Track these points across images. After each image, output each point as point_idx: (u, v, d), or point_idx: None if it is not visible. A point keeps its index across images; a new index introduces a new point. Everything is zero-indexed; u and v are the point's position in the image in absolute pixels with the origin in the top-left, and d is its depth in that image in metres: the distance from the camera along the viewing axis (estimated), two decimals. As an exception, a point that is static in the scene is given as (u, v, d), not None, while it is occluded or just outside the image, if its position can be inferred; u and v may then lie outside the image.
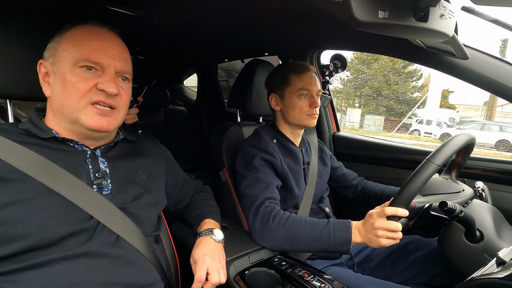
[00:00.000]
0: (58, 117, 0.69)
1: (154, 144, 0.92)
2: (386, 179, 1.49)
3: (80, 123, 0.67)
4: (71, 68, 0.66)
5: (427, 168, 0.78)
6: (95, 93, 0.67)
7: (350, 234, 0.87)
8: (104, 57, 0.68)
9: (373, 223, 0.83)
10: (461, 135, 0.87)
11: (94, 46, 0.67)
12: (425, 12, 0.58)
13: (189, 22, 1.25)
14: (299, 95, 1.10)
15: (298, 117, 1.11)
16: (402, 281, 1.07)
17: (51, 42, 0.70)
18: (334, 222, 0.91)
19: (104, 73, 0.68)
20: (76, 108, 0.66)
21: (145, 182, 0.80)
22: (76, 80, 0.65)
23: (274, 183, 1.04)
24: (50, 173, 0.64)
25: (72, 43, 0.67)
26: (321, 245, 0.89)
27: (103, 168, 0.73)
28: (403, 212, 0.79)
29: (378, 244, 0.83)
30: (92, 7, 1.11)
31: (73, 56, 0.66)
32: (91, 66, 0.67)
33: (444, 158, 0.80)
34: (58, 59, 0.67)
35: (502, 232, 0.83)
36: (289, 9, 0.98)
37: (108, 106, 0.69)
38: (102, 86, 0.66)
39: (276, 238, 0.92)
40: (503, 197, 1.18)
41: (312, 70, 1.13)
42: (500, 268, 0.55)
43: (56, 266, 0.61)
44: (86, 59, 0.66)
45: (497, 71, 0.92)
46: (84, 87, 0.66)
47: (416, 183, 0.78)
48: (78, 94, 0.65)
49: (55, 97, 0.67)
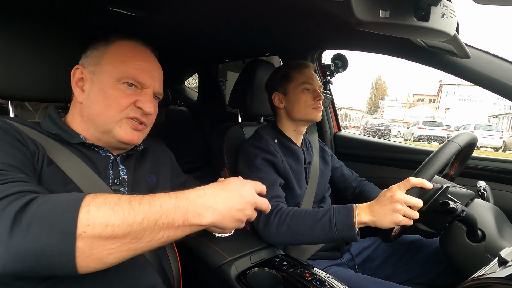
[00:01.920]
0: (87, 124, 0.70)
1: (160, 147, 0.94)
2: (387, 178, 1.48)
3: (112, 134, 0.69)
4: (114, 82, 0.68)
5: (450, 146, 0.82)
6: (133, 109, 0.70)
7: (352, 218, 0.83)
8: (148, 78, 0.72)
9: (392, 195, 0.78)
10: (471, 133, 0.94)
11: (141, 66, 0.71)
12: (426, 11, 0.58)
13: (190, 22, 1.25)
14: (303, 90, 1.11)
15: (304, 111, 1.11)
16: (404, 281, 1.07)
17: (93, 50, 0.72)
18: (335, 207, 0.88)
19: (143, 92, 0.72)
20: (112, 120, 0.68)
21: (153, 186, 0.82)
22: (118, 94, 0.68)
23: (277, 181, 1.04)
24: (82, 174, 0.66)
25: (118, 58, 0.70)
26: (324, 233, 0.86)
27: (123, 175, 0.74)
28: (428, 184, 0.78)
29: (393, 220, 0.77)
30: (93, 7, 1.12)
31: (118, 71, 0.69)
32: (133, 83, 0.70)
33: (465, 140, 0.86)
34: (100, 70, 0.69)
35: (504, 231, 0.83)
36: (290, 9, 0.98)
37: (141, 122, 0.72)
38: (141, 105, 0.70)
39: (279, 234, 0.92)
40: (505, 196, 1.18)
41: (311, 66, 1.14)
42: (502, 268, 0.55)
43: None
44: (132, 77, 0.69)
45: (499, 70, 0.92)
46: (125, 103, 0.69)
47: (440, 158, 0.80)
48: (117, 108, 0.68)
49: (90, 105, 0.69)
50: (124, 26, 1.33)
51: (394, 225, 0.79)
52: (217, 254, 0.89)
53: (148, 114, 0.73)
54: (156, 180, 0.84)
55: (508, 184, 1.20)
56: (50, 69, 0.79)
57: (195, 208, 0.51)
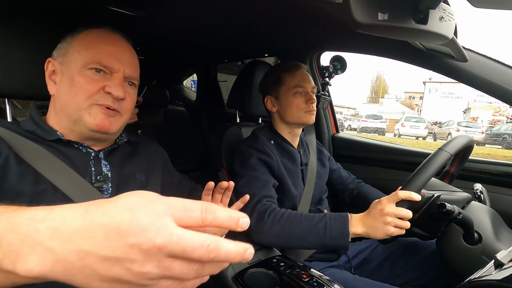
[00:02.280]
0: (60, 116, 0.69)
1: (152, 145, 0.92)
2: (385, 180, 1.49)
3: (82, 122, 0.67)
4: (80, 69, 0.66)
5: (440, 155, 0.79)
6: (102, 95, 0.67)
7: (347, 226, 0.85)
8: (115, 61, 0.68)
9: (382, 208, 0.80)
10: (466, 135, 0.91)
11: (106, 50, 0.68)
12: (424, 14, 0.58)
13: (189, 22, 1.25)
14: (294, 93, 1.10)
15: (296, 115, 1.11)
16: (400, 284, 1.06)
17: (62, 42, 0.70)
18: (330, 215, 0.89)
19: (112, 77, 0.69)
20: (80, 107, 0.66)
21: (143, 184, 0.80)
22: (84, 81, 0.66)
23: (271, 181, 1.04)
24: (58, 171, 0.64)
25: (84, 46, 0.68)
26: (318, 239, 0.87)
27: (105, 171, 0.73)
28: (416, 196, 0.78)
29: (385, 232, 0.80)
30: (92, 7, 1.11)
31: (84, 58, 0.66)
32: (101, 69, 0.67)
33: (456, 148, 0.82)
34: (68, 59, 0.68)
35: (500, 234, 0.83)
36: (289, 10, 0.98)
37: (113, 110, 0.69)
38: (109, 90, 0.67)
39: (271, 234, 0.91)
40: (502, 199, 1.19)
41: (303, 67, 1.13)
42: (498, 270, 0.55)
43: None
44: (97, 61, 0.66)
45: (496, 74, 0.93)
46: (92, 88, 0.66)
47: (429, 169, 0.78)
48: (84, 94, 0.65)
49: (61, 95, 0.68)
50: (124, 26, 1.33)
51: (387, 237, 0.81)
52: (214, 254, 0.89)
53: (120, 100, 0.69)
54: (146, 179, 0.81)
55: (504, 187, 1.20)
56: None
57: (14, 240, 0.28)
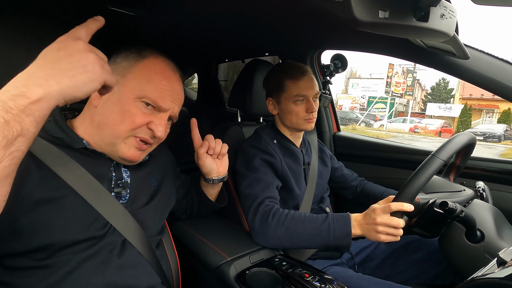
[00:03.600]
0: (95, 130, 0.69)
1: (163, 149, 0.94)
2: (386, 179, 1.48)
3: (116, 149, 0.68)
4: (134, 99, 0.67)
5: (433, 162, 0.78)
6: (143, 130, 0.69)
7: (350, 227, 0.87)
8: (169, 102, 0.71)
9: (375, 218, 0.82)
10: (464, 134, 0.89)
11: (165, 89, 0.70)
12: (425, 12, 0.58)
13: (189, 22, 1.25)
14: (295, 101, 1.09)
15: (295, 122, 1.11)
16: (403, 281, 1.06)
17: (124, 60, 0.70)
18: (333, 215, 0.91)
19: (159, 115, 0.70)
20: (120, 135, 0.67)
21: (155, 189, 0.83)
22: (135, 112, 0.67)
23: (274, 183, 1.04)
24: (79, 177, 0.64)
25: (144, 77, 0.68)
26: (321, 240, 0.89)
27: (126, 178, 0.74)
28: (409, 207, 0.79)
29: (377, 239, 0.83)
30: (92, 7, 1.12)
31: (141, 89, 0.67)
32: (153, 105, 0.69)
33: (449, 153, 0.81)
34: (125, 82, 0.68)
35: (503, 232, 0.83)
36: (290, 9, 0.98)
37: (146, 144, 0.71)
38: (154, 127, 0.68)
39: (276, 235, 0.92)
40: (504, 197, 1.18)
41: (308, 72, 1.10)
42: (501, 268, 0.55)
43: (66, 266, 0.62)
44: (153, 100, 0.68)
45: (498, 71, 0.92)
46: (139, 122, 0.67)
47: (421, 177, 0.78)
48: (129, 126, 0.67)
49: (104, 113, 0.67)
50: (124, 26, 1.33)
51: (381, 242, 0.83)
52: (216, 254, 0.90)
53: (157, 138, 0.71)
54: (158, 184, 0.84)
55: (507, 184, 1.20)
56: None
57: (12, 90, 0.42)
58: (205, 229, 1.01)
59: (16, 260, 0.59)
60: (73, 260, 0.62)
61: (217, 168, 0.94)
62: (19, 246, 0.58)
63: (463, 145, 0.86)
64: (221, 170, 0.96)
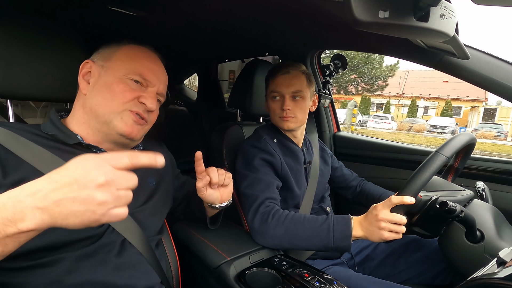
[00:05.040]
0: (89, 115, 0.71)
1: (162, 150, 0.95)
2: (386, 179, 1.48)
3: (112, 125, 0.70)
4: (121, 77, 0.71)
5: (436, 159, 0.79)
6: (135, 104, 0.71)
7: (350, 228, 0.87)
8: (154, 77, 0.75)
9: (377, 214, 0.82)
10: (465, 134, 0.90)
11: (149, 66, 0.75)
12: (425, 12, 0.58)
13: (189, 22, 1.25)
14: (272, 97, 1.10)
15: (274, 119, 1.12)
16: (403, 281, 1.07)
17: (106, 48, 0.75)
18: (333, 217, 0.91)
19: (147, 90, 0.74)
20: (114, 110, 0.69)
21: (153, 189, 0.83)
22: (123, 88, 0.70)
23: (274, 183, 1.04)
24: None
25: (129, 57, 0.73)
26: (321, 241, 0.89)
27: None
28: (410, 200, 0.79)
29: (380, 237, 0.82)
30: (92, 7, 1.12)
31: (127, 67, 0.72)
32: (140, 81, 0.73)
33: (452, 150, 0.81)
34: (110, 65, 0.72)
35: (503, 232, 0.83)
36: (290, 9, 0.98)
37: (142, 118, 0.73)
38: (144, 100, 0.72)
39: (276, 236, 0.92)
40: (504, 197, 1.18)
41: (290, 70, 1.08)
42: (500, 268, 0.55)
43: (64, 265, 0.62)
44: (139, 74, 0.72)
45: (498, 71, 0.92)
46: (129, 96, 0.70)
47: (425, 174, 0.78)
48: (121, 100, 0.70)
49: (94, 96, 0.70)
50: (124, 26, 1.33)
51: (382, 241, 0.83)
52: (216, 254, 0.90)
53: (150, 112, 0.74)
54: (156, 184, 0.84)
55: (507, 184, 1.20)
56: (50, 68, 0.79)
57: (6, 214, 0.40)
58: (205, 229, 1.01)
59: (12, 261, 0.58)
60: (70, 259, 0.62)
61: (220, 196, 0.85)
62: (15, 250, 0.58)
63: (465, 143, 0.87)
64: (225, 198, 0.87)
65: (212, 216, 0.99)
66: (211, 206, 0.88)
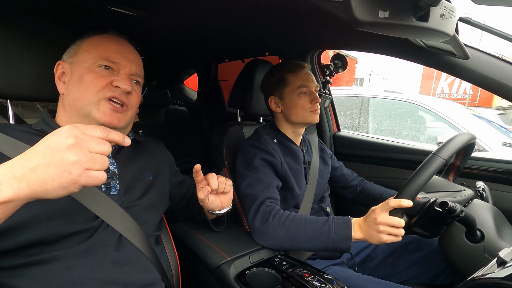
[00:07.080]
0: (69, 112, 0.71)
1: (159, 146, 0.95)
2: (386, 179, 1.48)
3: (92, 117, 0.69)
4: (89, 67, 0.70)
5: (434, 161, 0.79)
6: (110, 89, 0.70)
7: (350, 230, 0.87)
8: (122, 58, 0.73)
9: (375, 217, 0.82)
10: (464, 134, 0.89)
11: (114, 49, 0.73)
12: (425, 11, 0.58)
13: (189, 22, 1.25)
14: (299, 93, 1.10)
15: (302, 115, 1.11)
16: (403, 281, 1.07)
17: (72, 45, 0.75)
18: (334, 218, 0.91)
19: (119, 73, 0.73)
20: (90, 101, 0.69)
21: (150, 183, 0.83)
22: (93, 76, 0.70)
23: (274, 183, 1.04)
24: None
25: (93, 45, 0.73)
26: (321, 242, 0.89)
27: (112, 169, 0.74)
28: (407, 203, 0.79)
29: (379, 240, 0.82)
30: (92, 7, 1.11)
31: (93, 55, 0.71)
32: (109, 65, 0.72)
33: (450, 152, 0.81)
34: (77, 59, 0.72)
35: (503, 232, 0.83)
36: (289, 8, 0.98)
37: (121, 102, 0.72)
38: (117, 83, 0.71)
39: (276, 236, 0.92)
40: (504, 197, 1.18)
41: (307, 67, 1.13)
42: (500, 268, 0.55)
43: (60, 263, 0.61)
44: (105, 58, 0.71)
45: (498, 71, 0.92)
46: (101, 83, 0.69)
47: (422, 176, 0.78)
48: (94, 89, 0.69)
49: (70, 92, 0.70)
50: (124, 26, 1.33)
51: (381, 243, 0.83)
52: (216, 254, 0.90)
53: (127, 94, 0.73)
54: (153, 178, 0.84)
55: (507, 184, 1.20)
56: (49, 68, 0.79)
57: None
58: (205, 229, 1.01)
59: (6, 258, 0.59)
60: (67, 256, 0.62)
61: (220, 203, 0.86)
62: (7, 244, 0.58)
63: (463, 144, 0.86)
64: (225, 204, 0.87)
65: (214, 219, 0.99)
66: (211, 213, 0.89)
